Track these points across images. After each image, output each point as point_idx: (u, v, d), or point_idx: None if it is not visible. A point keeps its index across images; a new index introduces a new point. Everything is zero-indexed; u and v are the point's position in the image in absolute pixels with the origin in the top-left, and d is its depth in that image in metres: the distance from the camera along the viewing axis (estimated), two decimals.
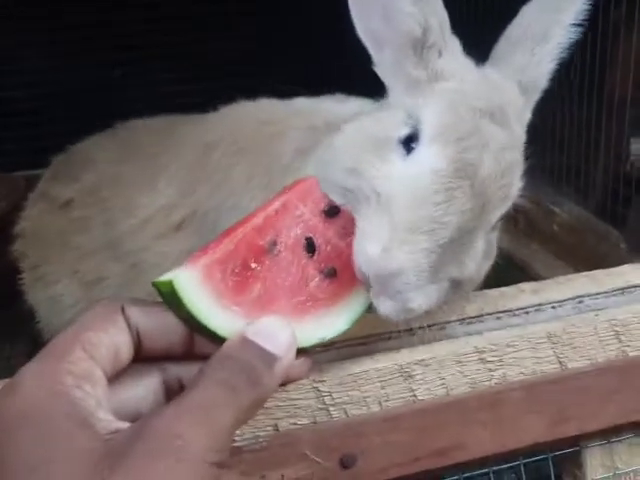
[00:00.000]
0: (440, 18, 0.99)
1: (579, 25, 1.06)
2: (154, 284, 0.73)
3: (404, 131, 0.95)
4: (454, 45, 1.03)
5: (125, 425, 0.66)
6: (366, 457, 0.88)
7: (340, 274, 0.81)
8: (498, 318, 1.02)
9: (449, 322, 1.00)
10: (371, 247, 0.83)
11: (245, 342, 0.72)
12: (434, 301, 0.88)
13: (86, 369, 0.69)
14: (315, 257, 0.80)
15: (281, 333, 0.73)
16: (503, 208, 0.96)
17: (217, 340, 0.73)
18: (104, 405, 0.69)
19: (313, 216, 0.82)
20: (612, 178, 1.73)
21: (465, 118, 0.93)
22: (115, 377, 0.74)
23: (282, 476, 0.85)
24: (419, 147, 0.93)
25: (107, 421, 0.66)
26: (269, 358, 0.71)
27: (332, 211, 0.84)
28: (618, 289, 1.06)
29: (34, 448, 0.62)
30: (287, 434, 0.86)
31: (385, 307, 0.84)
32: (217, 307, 0.74)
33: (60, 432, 0.63)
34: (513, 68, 1.05)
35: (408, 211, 0.86)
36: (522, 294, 1.07)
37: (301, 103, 1.36)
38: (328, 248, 0.81)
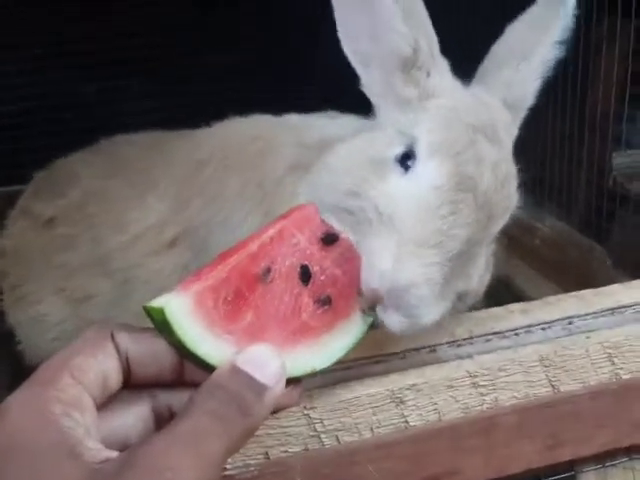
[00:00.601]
0: (429, 39, 0.99)
1: (563, 42, 1.07)
2: (145, 309, 0.72)
3: (399, 149, 0.95)
4: (442, 65, 1.03)
5: (114, 454, 0.64)
6: None
7: (335, 303, 0.80)
8: (488, 340, 1.01)
9: (439, 345, 0.99)
10: (382, 262, 0.83)
11: (235, 371, 0.70)
12: (443, 315, 0.88)
13: (75, 396, 0.67)
14: (310, 285, 0.79)
15: (271, 362, 0.72)
16: (504, 219, 0.97)
17: (208, 368, 0.72)
18: (93, 433, 0.67)
19: (310, 244, 0.80)
20: (595, 193, 1.73)
21: (460, 133, 0.93)
22: (104, 404, 0.72)
23: None
24: (417, 164, 0.93)
25: (96, 450, 0.64)
26: (259, 388, 0.70)
27: (330, 239, 0.82)
28: (608, 309, 1.05)
29: (21, 479, 0.61)
30: (278, 462, 0.85)
31: (396, 323, 0.84)
32: (208, 335, 0.72)
33: (48, 462, 0.62)
34: (498, 85, 1.06)
35: (415, 226, 0.86)
36: (511, 315, 1.06)
37: (291, 118, 1.35)
38: (323, 277, 0.80)
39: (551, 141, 1.85)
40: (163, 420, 0.76)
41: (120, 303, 1.36)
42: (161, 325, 0.72)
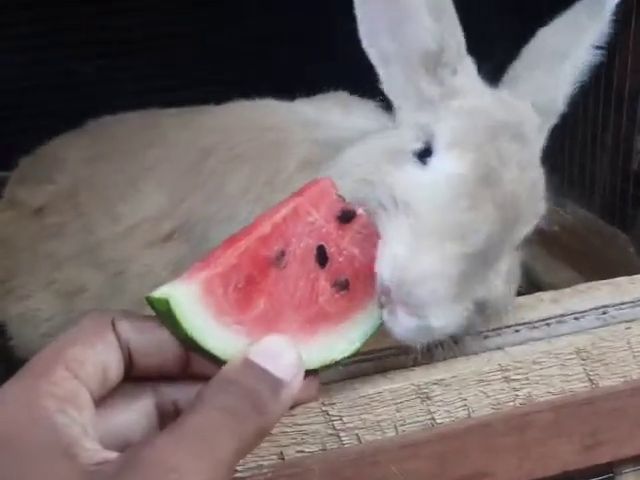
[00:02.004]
0: (457, 36, 0.94)
1: (600, 47, 1.01)
2: (148, 300, 0.65)
3: (417, 145, 0.90)
4: (469, 64, 0.98)
5: (113, 455, 0.58)
6: None
7: (353, 285, 0.73)
8: (517, 331, 0.94)
9: (467, 335, 0.91)
10: (397, 250, 0.76)
11: (248, 365, 0.63)
12: (458, 325, 0.79)
13: (71, 390, 0.61)
14: (327, 268, 0.72)
15: (287, 354, 0.65)
16: (530, 226, 0.90)
17: (217, 362, 0.65)
18: (90, 432, 0.60)
19: (326, 222, 0.73)
20: (621, 177, 1.66)
21: (481, 129, 0.89)
22: (103, 399, 0.65)
23: None
24: (435, 157, 0.87)
25: (93, 450, 0.58)
26: (275, 383, 0.63)
27: (347, 216, 0.75)
28: None
29: None
30: (294, 463, 0.78)
31: (402, 324, 0.76)
32: (217, 327, 0.65)
33: (39, 463, 0.55)
34: (529, 89, 1.01)
35: (433, 216, 0.80)
36: (541, 304, 0.99)
37: (304, 110, 1.28)
38: (341, 258, 0.73)
39: (572, 122, 1.77)
40: (167, 416, 0.69)
41: (112, 297, 1.29)
42: (165, 317, 0.65)
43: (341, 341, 0.71)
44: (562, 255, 1.78)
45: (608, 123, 1.66)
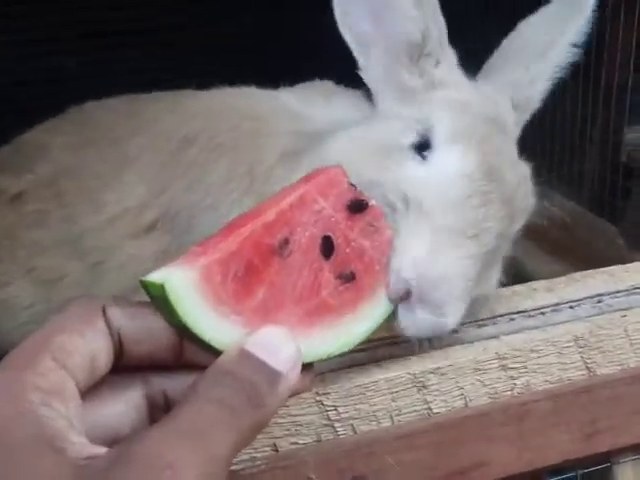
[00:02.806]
0: (439, 25, 0.93)
1: (578, 46, 1.01)
2: (142, 283, 0.62)
3: (413, 138, 0.88)
4: (450, 55, 0.97)
5: (102, 450, 0.55)
6: (378, 479, 0.77)
7: (359, 279, 0.70)
8: (512, 319, 0.93)
9: (461, 324, 0.90)
10: (416, 250, 0.76)
11: (244, 355, 0.61)
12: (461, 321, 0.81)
13: (56, 382, 0.58)
14: (332, 259, 0.69)
15: (285, 347, 0.63)
16: (522, 222, 0.91)
17: (213, 351, 0.62)
18: (77, 426, 0.57)
19: (335, 212, 0.70)
20: (610, 169, 1.65)
21: (477, 122, 0.88)
22: (90, 390, 0.62)
23: None
24: (435, 152, 0.86)
25: (80, 445, 0.55)
26: (272, 375, 0.61)
27: (358, 206, 0.72)
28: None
29: None
30: (288, 455, 0.76)
31: (419, 323, 0.76)
32: (214, 316, 0.63)
33: (24, 459, 0.52)
34: (505, 83, 1.00)
35: (447, 215, 0.79)
36: (535, 293, 0.98)
37: (287, 100, 1.25)
38: (348, 250, 0.70)
39: (560, 112, 1.76)
40: (157, 408, 0.67)
41: (90, 286, 1.26)
42: (160, 302, 0.62)
43: (341, 336, 0.68)
44: (551, 248, 1.77)
45: (597, 116, 1.65)
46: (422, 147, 0.87)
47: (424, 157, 0.86)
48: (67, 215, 1.28)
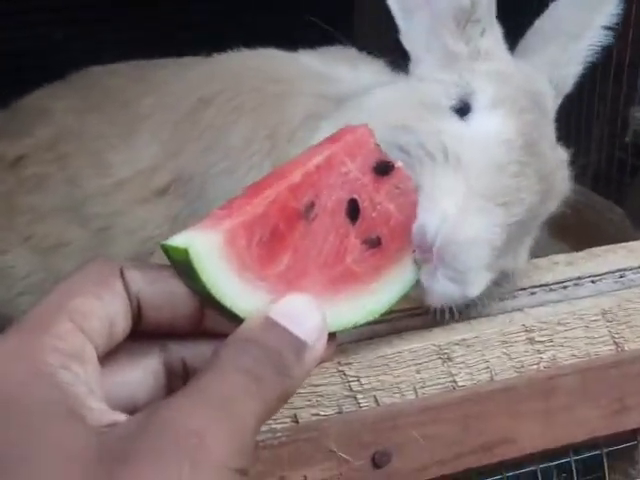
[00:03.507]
0: None
1: (610, 29, 0.99)
2: (164, 247, 0.59)
3: (453, 101, 0.86)
4: (496, 27, 0.95)
5: (122, 417, 0.52)
6: (402, 454, 0.75)
7: (385, 244, 0.67)
8: (532, 293, 0.90)
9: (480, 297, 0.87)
10: (447, 205, 0.72)
11: (270, 324, 0.58)
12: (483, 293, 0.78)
13: (75, 345, 0.54)
14: (358, 223, 0.66)
15: (311, 316, 0.60)
16: (556, 204, 0.90)
17: (236, 319, 0.59)
18: (96, 391, 0.54)
19: (362, 174, 0.67)
20: (618, 147, 1.62)
21: (521, 96, 0.86)
22: (107, 356, 0.59)
23: (304, 477, 0.72)
24: (476, 115, 0.84)
25: (100, 411, 0.51)
26: (299, 345, 0.57)
27: (384, 168, 0.69)
28: None
29: (7, 445, 0.48)
30: (309, 427, 0.73)
31: (440, 290, 0.72)
32: (238, 282, 0.59)
33: (42, 425, 0.49)
34: (545, 62, 0.98)
35: (485, 177, 0.76)
36: (556, 266, 0.96)
37: (310, 63, 1.21)
38: (374, 214, 0.67)
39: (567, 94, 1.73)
40: (175, 376, 0.64)
41: (95, 254, 1.22)
42: (183, 267, 0.59)
43: (366, 304, 0.65)
44: (553, 230, 1.75)
45: (605, 94, 1.63)
46: (463, 111, 0.84)
47: (465, 120, 0.84)
48: (69, 178, 1.24)
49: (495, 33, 0.94)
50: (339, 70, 1.15)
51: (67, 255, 1.25)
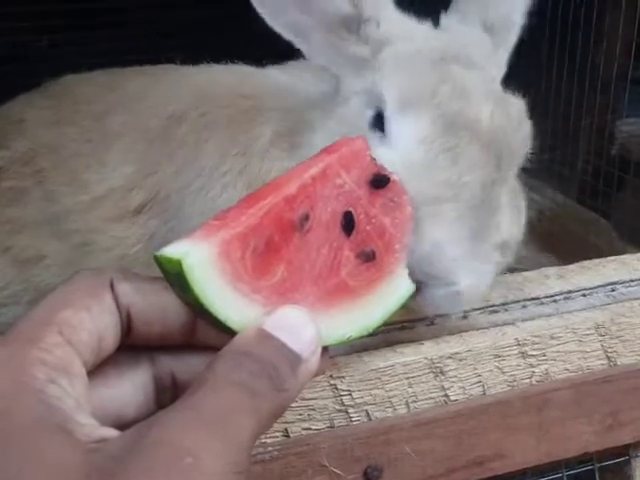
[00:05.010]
0: None
1: None
2: (156, 258, 0.58)
3: (369, 113, 0.87)
4: (390, 9, 0.94)
5: (112, 433, 0.50)
6: (394, 469, 0.74)
7: (379, 258, 0.66)
8: (524, 306, 0.90)
9: (471, 310, 0.87)
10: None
11: (264, 336, 0.57)
12: (488, 279, 0.79)
13: (63, 358, 0.53)
14: (353, 236, 0.65)
15: (306, 329, 0.59)
16: (519, 157, 0.88)
17: (228, 332, 0.58)
18: (85, 406, 0.53)
19: (357, 187, 0.66)
20: (605, 160, 1.63)
21: (427, 72, 0.85)
22: (95, 369, 0.58)
23: None
24: (390, 123, 0.84)
25: (90, 426, 0.50)
26: (294, 359, 0.57)
27: (380, 181, 0.68)
28: None
29: None
30: (300, 441, 0.72)
31: (431, 297, 0.74)
32: (232, 294, 0.59)
33: (29, 440, 0.48)
34: (474, 7, 0.98)
35: (420, 185, 0.76)
36: (547, 280, 0.95)
37: (277, 77, 1.22)
38: (369, 227, 0.66)
39: (553, 102, 1.74)
40: (164, 390, 0.63)
41: (74, 268, 1.20)
42: (175, 279, 0.58)
43: (360, 318, 0.65)
44: (541, 242, 1.75)
45: (592, 106, 1.63)
46: (379, 119, 0.85)
47: (383, 131, 0.84)
48: (47, 194, 1.22)
49: (390, 15, 0.93)
50: (303, 84, 1.16)
51: (47, 268, 1.24)
